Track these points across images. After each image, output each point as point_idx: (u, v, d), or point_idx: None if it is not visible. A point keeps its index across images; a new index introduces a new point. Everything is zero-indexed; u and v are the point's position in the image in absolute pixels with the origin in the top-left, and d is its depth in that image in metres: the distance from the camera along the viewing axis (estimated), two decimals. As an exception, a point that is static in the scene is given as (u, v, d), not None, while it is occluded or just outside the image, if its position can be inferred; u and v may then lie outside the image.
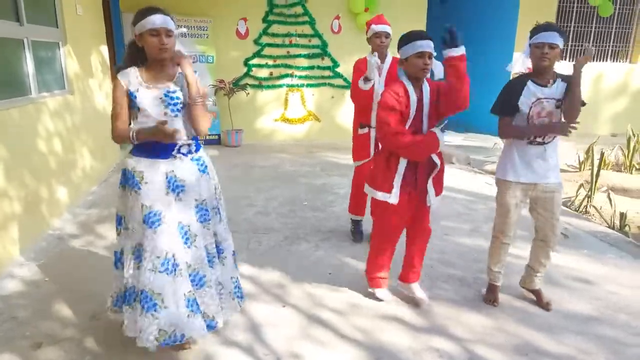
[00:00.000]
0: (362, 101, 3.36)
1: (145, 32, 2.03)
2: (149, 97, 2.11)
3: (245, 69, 7.82)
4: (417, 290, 2.85)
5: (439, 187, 2.68)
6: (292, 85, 8.07)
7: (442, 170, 2.67)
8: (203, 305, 2.23)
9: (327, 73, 8.10)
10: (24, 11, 3.79)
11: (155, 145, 2.12)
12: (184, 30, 2.25)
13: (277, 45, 7.83)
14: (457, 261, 3.44)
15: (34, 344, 2.41)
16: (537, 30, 2.52)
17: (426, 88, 2.53)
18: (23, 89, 3.84)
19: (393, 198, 2.56)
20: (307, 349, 2.42)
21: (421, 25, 8.08)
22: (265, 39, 7.76)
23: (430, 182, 2.61)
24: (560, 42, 2.46)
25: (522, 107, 2.57)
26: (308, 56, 7.96)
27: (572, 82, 2.51)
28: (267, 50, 7.82)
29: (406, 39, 2.44)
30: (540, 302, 2.86)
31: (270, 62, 7.87)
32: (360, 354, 2.39)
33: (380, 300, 2.86)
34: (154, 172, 2.13)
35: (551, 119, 2.59)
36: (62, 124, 4.35)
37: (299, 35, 7.85)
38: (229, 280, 2.42)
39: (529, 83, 2.57)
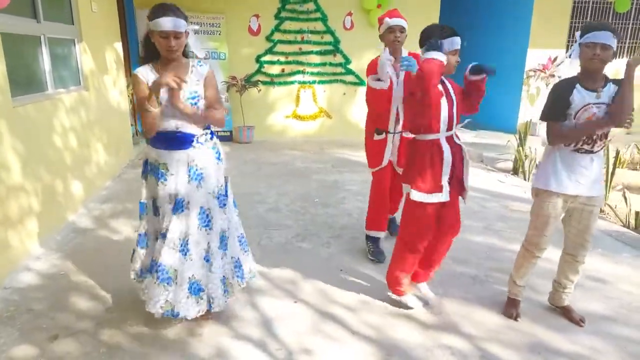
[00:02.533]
0: (378, 105, 3.13)
1: (156, 32, 2.12)
2: (168, 92, 2.20)
3: (257, 66, 7.83)
4: (427, 289, 2.82)
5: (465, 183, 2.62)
6: (304, 82, 8.06)
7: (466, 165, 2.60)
8: (211, 286, 2.41)
9: (338, 70, 8.08)
10: (41, 8, 3.84)
11: (175, 137, 2.26)
12: (196, 27, 2.32)
13: (289, 42, 7.82)
14: (470, 259, 3.43)
15: (50, 336, 2.45)
16: (588, 29, 2.30)
17: (447, 82, 2.50)
18: (39, 85, 3.90)
19: (445, 196, 2.49)
20: (318, 344, 2.43)
21: (434, 21, 8.01)
22: (277, 36, 7.76)
23: (466, 178, 2.56)
24: (613, 44, 2.25)
25: (570, 113, 2.37)
26: (320, 53, 7.95)
27: (622, 83, 2.29)
28: (279, 47, 7.82)
29: (444, 34, 2.32)
30: (571, 319, 2.66)
31: (282, 58, 7.87)
32: (372, 350, 2.40)
33: (411, 308, 2.73)
34: (176, 163, 2.28)
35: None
36: (77, 120, 4.40)
37: (311, 32, 7.84)
38: (230, 260, 2.55)
39: (578, 87, 2.35)
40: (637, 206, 4.43)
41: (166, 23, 2.07)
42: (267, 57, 7.83)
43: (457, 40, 2.37)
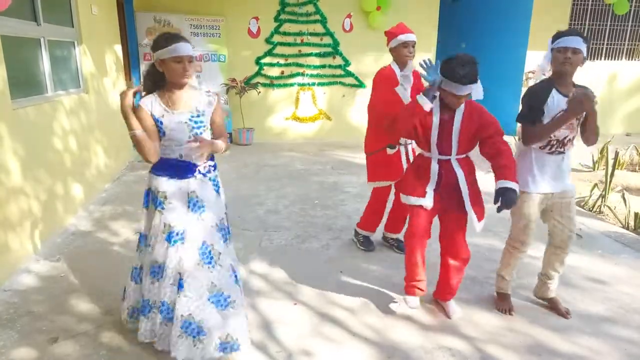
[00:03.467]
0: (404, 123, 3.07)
1: (168, 59, 2.09)
2: (174, 122, 2.17)
3: (256, 68, 7.84)
4: (452, 306, 2.76)
5: (480, 210, 2.59)
6: (304, 84, 8.07)
7: (476, 191, 2.59)
8: (228, 327, 2.23)
9: (338, 72, 8.09)
10: (41, 11, 3.85)
11: (178, 165, 2.21)
12: (199, 52, 2.30)
13: (289, 44, 7.83)
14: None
15: (50, 339, 2.45)
16: (559, 35, 2.44)
17: (459, 111, 2.47)
18: (39, 87, 3.91)
19: (428, 201, 2.55)
20: (318, 346, 2.43)
21: (433, 24, 8.04)
22: (276, 38, 7.78)
23: (468, 203, 2.53)
24: (583, 48, 2.38)
25: (545, 118, 2.46)
26: (319, 55, 7.96)
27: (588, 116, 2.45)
28: (278, 49, 7.83)
29: (451, 76, 2.31)
30: (558, 311, 2.77)
31: (282, 60, 7.89)
32: (372, 352, 2.40)
33: (412, 307, 2.69)
34: (176, 192, 2.21)
35: (571, 131, 2.49)
36: (77, 122, 4.41)
37: (311, 34, 7.85)
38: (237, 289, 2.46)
39: (554, 92, 2.45)
40: (636, 207, 4.43)
41: (182, 48, 2.08)
42: (267, 59, 7.84)
43: (464, 89, 2.32)
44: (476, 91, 2.38)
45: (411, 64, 3.20)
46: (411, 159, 3.28)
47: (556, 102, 2.45)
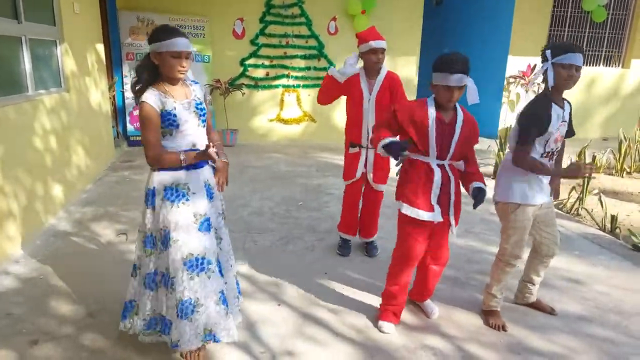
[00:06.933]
0: (326, 96, 3.39)
1: (165, 53, 2.06)
2: (185, 112, 2.16)
3: (241, 69, 7.82)
4: (429, 306, 2.79)
5: (458, 216, 2.57)
6: (288, 86, 8.08)
7: (460, 198, 2.54)
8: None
9: (323, 74, 8.08)
10: (22, 9, 3.79)
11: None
12: (195, 49, 2.28)
13: (274, 46, 7.84)
14: (451, 261, 3.44)
15: (30, 341, 2.42)
16: (564, 48, 2.35)
17: (460, 116, 2.42)
18: (20, 86, 3.84)
19: (437, 216, 2.45)
20: (302, 346, 2.45)
21: (417, 28, 8.13)
22: (261, 40, 7.77)
23: (452, 209, 2.52)
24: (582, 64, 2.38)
25: (551, 131, 2.42)
26: (304, 57, 7.98)
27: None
28: (263, 51, 7.83)
29: (441, 67, 2.26)
30: (544, 310, 2.82)
31: (267, 62, 7.88)
32: (355, 352, 2.42)
33: (385, 333, 2.59)
34: (196, 182, 2.20)
35: (560, 142, 2.55)
36: (57, 122, 4.34)
37: (296, 36, 7.86)
38: (233, 279, 2.53)
39: (554, 106, 2.43)
40: (613, 210, 4.55)
41: (180, 43, 2.05)
42: (252, 61, 7.83)
43: (453, 78, 2.24)
44: (471, 92, 2.33)
45: (383, 71, 3.27)
46: (370, 164, 3.34)
47: (557, 115, 2.43)
